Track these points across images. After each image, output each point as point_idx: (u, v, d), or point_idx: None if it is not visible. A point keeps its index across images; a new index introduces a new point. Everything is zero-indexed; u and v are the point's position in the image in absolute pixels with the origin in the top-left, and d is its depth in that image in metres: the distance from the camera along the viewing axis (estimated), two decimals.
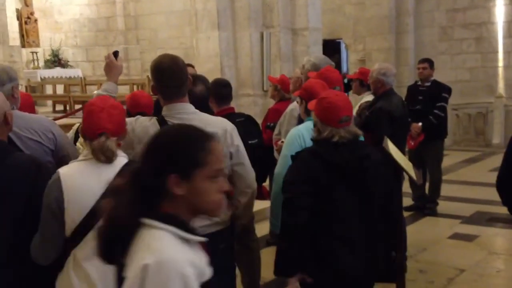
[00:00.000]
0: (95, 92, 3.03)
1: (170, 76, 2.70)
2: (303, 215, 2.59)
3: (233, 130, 2.84)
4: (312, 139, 2.81)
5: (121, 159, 2.29)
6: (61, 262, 2.33)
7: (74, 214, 2.21)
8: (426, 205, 6.63)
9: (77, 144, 3.81)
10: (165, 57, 2.79)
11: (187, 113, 2.74)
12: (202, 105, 3.49)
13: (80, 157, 2.33)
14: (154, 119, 2.74)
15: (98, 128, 2.24)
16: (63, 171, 2.28)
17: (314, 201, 2.60)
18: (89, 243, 2.20)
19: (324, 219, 2.63)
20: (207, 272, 1.57)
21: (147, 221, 1.49)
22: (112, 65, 3.08)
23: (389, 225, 2.85)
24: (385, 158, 3.32)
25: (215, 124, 2.77)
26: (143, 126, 2.69)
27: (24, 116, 2.86)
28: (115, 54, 3.13)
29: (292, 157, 2.81)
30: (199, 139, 1.53)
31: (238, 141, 2.83)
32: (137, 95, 3.84)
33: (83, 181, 2.22)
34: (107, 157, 2.22)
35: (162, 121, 2.70)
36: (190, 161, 1.50)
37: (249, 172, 2.88)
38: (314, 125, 2.79)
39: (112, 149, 2.22)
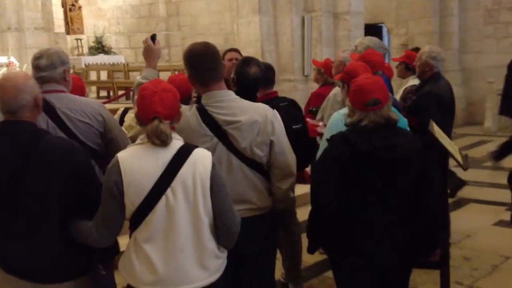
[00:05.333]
0: (137, 78, 3.04)
1: (202, 59, 2.69)
2: (326, 207, 2.59)
3: (274, 117, 2.79)
4: (345, 124, 2.77)
5: (177, 142, 2.32)
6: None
7: (133, 197, 2.24)
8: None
9: (122, 128, 3.89)
10: (195, 43, 2.79)
11: (227, 101, 2.72)
12: (255, 87, 3.46)
13: (138, 141, 2.35)
14: (194, 108, 2.74)
15: (151, 112, 2.26)
16: (121, 155, 2.32)
17: (342, 185, 2.58)
18: (149, 225, 2.26)
19: (349, 203, 2.61)
20: None
21: None
22: (150, 50, 3.06)
23: (424, 216, 2.76)
24: (431, 143, 3.26)
25: (255, 111, 2.74)
26: (184, 116, 2.66)
27: (74, 99, 2.94)
28: (153, 38, 3.10)
29: (328, 140, 2.79)
30: None
31: (279, 128, 2.80)
32: (169, 79, 3.83)
33: (141, 164, 2.25)
34: (161, 141, 2.24)
35: (201, 110, 2.70)
36: None
37: (290, 160, 2.85)
38: (348, 110, 2.75)
39: (166, 132, 2.24)
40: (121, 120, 4.08)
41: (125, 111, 4.07)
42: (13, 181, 2.33)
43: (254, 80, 3.42)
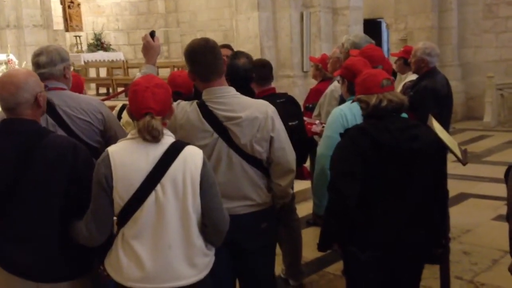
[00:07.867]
0: (137, 74, 3.04)
1: (203, 53, 2.68)
2: (350, 198, 2.57)
3: (274, 113, 2.79)
4: (363, 115, 2.77)
5: (168, 138, 2.31)
6: (108, 240, 2.38)
7: (122, 192, 2.23)
8: None
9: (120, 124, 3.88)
10: (196, 39, 2.80)
11: (228, 97, 2.72)
12: (246, 78, 3.43)
13: (129, 136, 2.35)
14: (194, 103, 2.73)
15: (143, 108, 2.25)
16: (112, 149, 2.31)
17: (361, 179, 2.57)
18: (138, 221, 2.25)
19: (367, 194, 2.61)
20: None
21: None
22: (149, 46, 3.05)
23: (437, 208, 2.80)
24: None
25: (256, 107, 2.73)
26: (184, 111, 2.69)
27: (74, 96, 2.92)
28: (152, 34, 3.09)
29: (341, 134, 2.79)
30: None
31: (279, 125, 2.80)
32: (173, 74, 3.84)
33: (131, 159, 2.25)
34: (153, 137, 2.23)
35: (202, 106, 2.70)
36: None
37: (290, 156, 2.85)
38: (360, 103, 2.74)
39: (158, 128, 2.23)
40: (119, 117, 4.07)
41: (123, 107, 4.04)
42: (14, 180, 2.30)
43: (243, 70, 3.38)
